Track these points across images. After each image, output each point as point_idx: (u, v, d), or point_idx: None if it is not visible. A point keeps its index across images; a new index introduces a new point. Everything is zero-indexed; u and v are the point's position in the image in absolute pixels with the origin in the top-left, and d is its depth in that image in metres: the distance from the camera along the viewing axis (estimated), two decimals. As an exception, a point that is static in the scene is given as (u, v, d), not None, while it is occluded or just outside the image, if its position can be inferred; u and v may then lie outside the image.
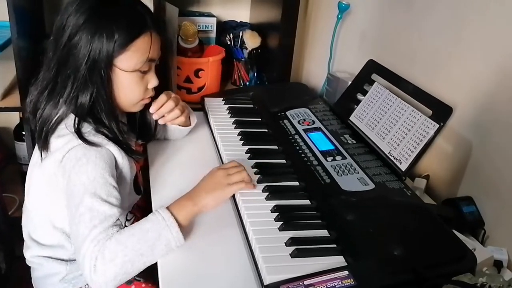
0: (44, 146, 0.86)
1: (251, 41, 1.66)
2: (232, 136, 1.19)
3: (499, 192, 0.96)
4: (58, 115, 0.86)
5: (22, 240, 1.01)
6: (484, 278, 0.63)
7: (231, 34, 1.70)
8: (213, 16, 1.71)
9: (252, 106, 1.40)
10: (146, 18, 0.89)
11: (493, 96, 0.97)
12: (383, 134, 1.08)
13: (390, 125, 1.07)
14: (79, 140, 0.83)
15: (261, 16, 1.75)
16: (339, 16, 1.45)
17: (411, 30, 1.26)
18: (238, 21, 1.84)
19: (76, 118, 0.85)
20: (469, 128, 1.02)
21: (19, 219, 1.01)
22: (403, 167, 0.97)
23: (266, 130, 1.24)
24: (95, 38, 0.83)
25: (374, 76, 1.22)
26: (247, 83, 1.68)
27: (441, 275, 0.69)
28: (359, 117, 1.19)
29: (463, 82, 1.06)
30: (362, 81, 1.25)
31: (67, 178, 0.82)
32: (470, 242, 0.86)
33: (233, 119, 1.28)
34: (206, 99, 1.39)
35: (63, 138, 0.85)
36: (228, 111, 1.34)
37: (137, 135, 1.05)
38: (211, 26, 1.68)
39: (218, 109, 1.35)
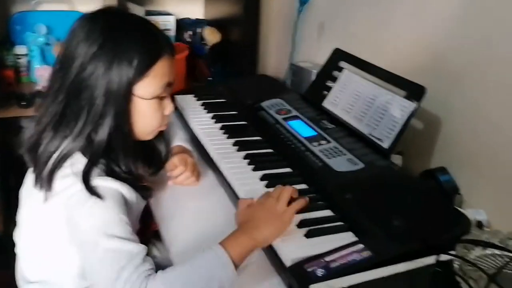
0: (48, 186, 0.78)
1: (211, 37, 1.68)
2: (214, 130, 1.21)
3: (469, 160, 1.06)
4: (64, 151, 0.78)
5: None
6: (487, 234, 0.71)
7: (190, 32, 1.70)
8: (171, 14, 1.69)
9: (225, 100, 1.42)
10: (161, 39, 0.83)
11: (458, 74, 1.07)
12: (360, 116, 1.15)
13: (366, 107, 1.14)
14: (82, 185, 0.75)
15: (217, 12, 1.76)
16: (300, 9, 1.51)
17: (372, 19, 1.34)
18: (194, 19, 1.84)
19: (88, 161, 0.77)
20: (437, 105, 1.11)
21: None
22: (386, 145, 1.04)
23: (245, 123, 1.26)
24: (113, 66, 0.76)
25: (342, 64, 1.29)
26: (211, 78, 1.70)
27: (445, 240, 0.77)
28: (332, 103, 1.25)
29: (426, 64, 1.15)
30: (330, 68, 1.31)
31: (73, 226, 0.75)
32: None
33: (211, 114, 1.30)
34: (177, 97, 1.39)
35: (65, 180, 0.77)
36: (203, 107, 1.35)
37: (147, 165, 0.94)
38: (171, 24, 1.66)
39: (192, 106, 1.36)
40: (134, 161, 0.84)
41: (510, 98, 0.97)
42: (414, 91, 1.04)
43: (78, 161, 0.78)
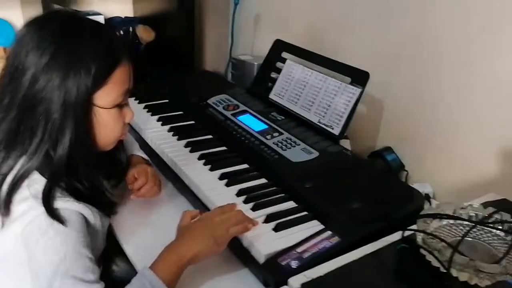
0: (5, 211, 0.71)
1: (145, 35, 1.62)
2: (163, 133, 1.17)
3: (412, 138, 1.13)
4: (20, 172, 0.71)
5: None
6: (442, 207, 0.76)
7: (121, 31, 1.63)
8: (99, 14, 1.61)
9: (168, 100, 1.38)
10: (118, 43, 0.77)
11: (397, 57, 1.13)
12: (307, 106, 1.17)
13: (313, 96, 1.17)
14: (42, 207, 0.70)
15: (148, 8, 1.70)
16: (236, 1, 1.50)
17: (308, 8, 1.37)
18: (123, 17, 1.76)
19: (48, 181, 0.71)
20: (379, 89, 1.17)
21: None
22: (336, 131, 1.08)
23: (193, 122, 1.24)
24: (69, 76, 0.70)
25: (284, 54, 1.30)
26: (148, 79, 1.64)
27: (404, 216, 0.82)
28: (278, 94, 1.26)
29: (366, 50, 1.20)
30: (273, 60, 1.32)
31: (31, 255, 0.70)
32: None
33: (156, 117, 1.26)
34: (117, 101, 1.33)
35: (23, 203, 0.71)
36: (146, 109, 1.31)
37: (108, 177, 0.90)
38: (100, 24, 1.58)
39: (135, 110, 1.28)
40: (96, 175, 0.80)
41: (443, 75, 1.04)
42: (358, 76, 1.08)
43: (36, 181, 0.72)
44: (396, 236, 0.77)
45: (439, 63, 1.04)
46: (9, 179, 0.72)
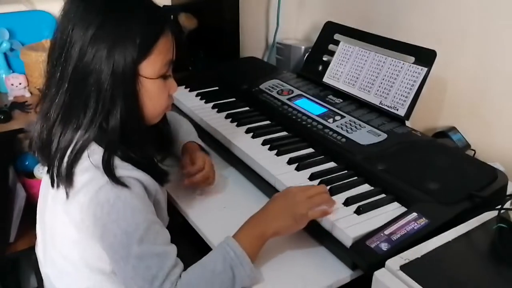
0: (69, 182, 0.73)
1: (188, 23, 1.60)
2: (221, 120, 1.17)
3: (478, 117, 1.10)
4: (78, 144, 0.73)
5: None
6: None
7: (162, 20, 1.62)
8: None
9: (218, 88, 1.38)
10: (161, 13, 0.79)
11: (462, 34, 1.10)
12: (367, 88, 1.15)
13: (372, 78, 1.14)
14: (105, 177, 0.71)
15: (187, -4, 1.68)
16: (282, -16, 1.47)
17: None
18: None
19: (105, 150, 0.73)
20: (441, 68, 1.14)
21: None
22: (402, 112, 1.05)
23: (248, 108, 1.23)
24: (116, 47, 0.71)
25: (337, 36, 1.28)
26: (191, 67, 1.63)
27: (489, 195, 0.79)
28: (333, 77, 1.24)
29: (425, 27, 1.17)
30: (325, 43, 1.30)
31: (102, 227, 0.72)
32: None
33: (210, 104, 1.25)
34: (168, 90, 1.32)
35: (85, 174, 0.73)
36: (199, 97, 1.30)
37: (157, 150, 0.93)
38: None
39: (188, 98, 1.30)
40: (148, 145, 0.82)
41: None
42: (423, 56, 1.05)
43: (95, 151, 0.74)
44: (485, 216, 0.75)
45: (509, 39, 1.01)
46: (68, 152, 0.74)
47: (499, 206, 0.72)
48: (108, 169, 0.72)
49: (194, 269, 0.72)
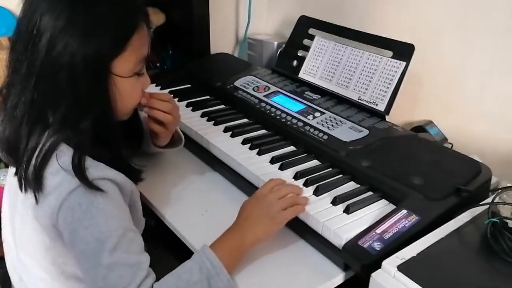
0: (37, 186, 0.67)
1: (155, 18, 1.53)
2: (197, 119, 1.12)
3: (454, 110, 1.11)
4: (47, 144, 0.68)
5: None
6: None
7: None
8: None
9: (190, 85, 1.32)
10: (136, 7, 0.72)
11: (435, 30, 1.10)
12: (344, 83, 1.13)
13: (349, 73, 1.13)
14: (77, 180, 0.66)
15: (153, -10, 1.61)
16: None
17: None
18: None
19: (75, 151, 0.67)
20: (416, 62, 1.14)
21: None
22: (381, 107, 1.04)
23: (224, 106, 1.19)
24: (87, 42, 0.66)
25: (312, 31, 1.25)
26: (159, 64, 1.56)
27: (475, 189, 0.79)
28: (309, 73, 1.22)
29: (401, 21, 1.17)
30: (300, 37, 1.27)
31: (72, 232, 0.67)
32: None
33: (184, 102, 1.20)
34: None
35: (55, 176, 0.67)
36: (172, 95, 1.24)
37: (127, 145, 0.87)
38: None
39: (159, 96, 1.24)
40: (120, 143, 0.77)
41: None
42: (401, 50, 1.04)
43: (64, 152, 0.68)
44: (474, 211, 0.75)
45: (486, 33, 1.02)
46: (36, 153, 0.68)
47: (490, 201, 0.71)
48: (79, 171, 0.67)
49: (168, 278, 0.68)
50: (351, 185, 0.87)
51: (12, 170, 0.75)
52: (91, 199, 0.66)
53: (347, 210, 0.78)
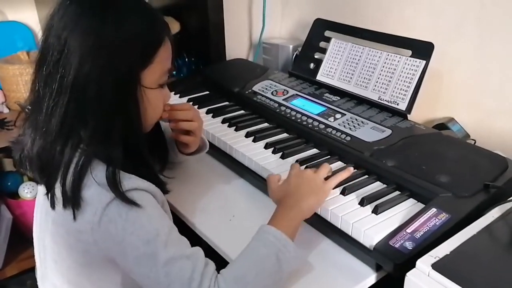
0: (75, 202, 0.67)
1: (170, 27, 1.55)
2: (218, 125, 1.13)
3: (476, 107, 1.11)
4: (81, 160, 0.68)
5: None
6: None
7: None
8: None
9: (208, 92, 1.34)
10: (161, 21, 0.74)
11: (455, 27, 1.10)
12: (363, 84, 1.14)
13: (368, 73, 1.13)
14: (111, 193, 0.66)
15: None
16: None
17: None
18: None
19: (108, 165, 0.68)
20: (436, 59, 1.13)
21: None
22: (403, 106, 1.04)
23: (244, 111, 1.20)
24: (116, 57, 0.67)
25: (328, 33, 1.26)
26: (175, 72, 1.58)
27: (505, 185, 0.79)
28: (327, 75, 1.22)
29: (419, 19, 1.17)
30: (316, 40, 1.28)
31: (120, 243, 0.66)
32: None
33: (204, 109, 1.21)
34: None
35: (88, 191, 0.67)
36: (191, 103, 1.26)
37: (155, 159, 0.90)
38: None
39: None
40: (149, 155, 0.78)
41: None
42: (420, 48, 1.04)
43: (96, 167, 0.69)
44: (503, 207, 0.75)
45: (506, 28, 1.01)
46: (71, 169, 0.68)
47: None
48: (114, 185, 0.67)
49: (235, 263, 0.69)
50: (377, 185, 0.87)
51: (42, 189, 0.74)
52: (128, 207, 0.67)
53: (375, 211, 0.79)
